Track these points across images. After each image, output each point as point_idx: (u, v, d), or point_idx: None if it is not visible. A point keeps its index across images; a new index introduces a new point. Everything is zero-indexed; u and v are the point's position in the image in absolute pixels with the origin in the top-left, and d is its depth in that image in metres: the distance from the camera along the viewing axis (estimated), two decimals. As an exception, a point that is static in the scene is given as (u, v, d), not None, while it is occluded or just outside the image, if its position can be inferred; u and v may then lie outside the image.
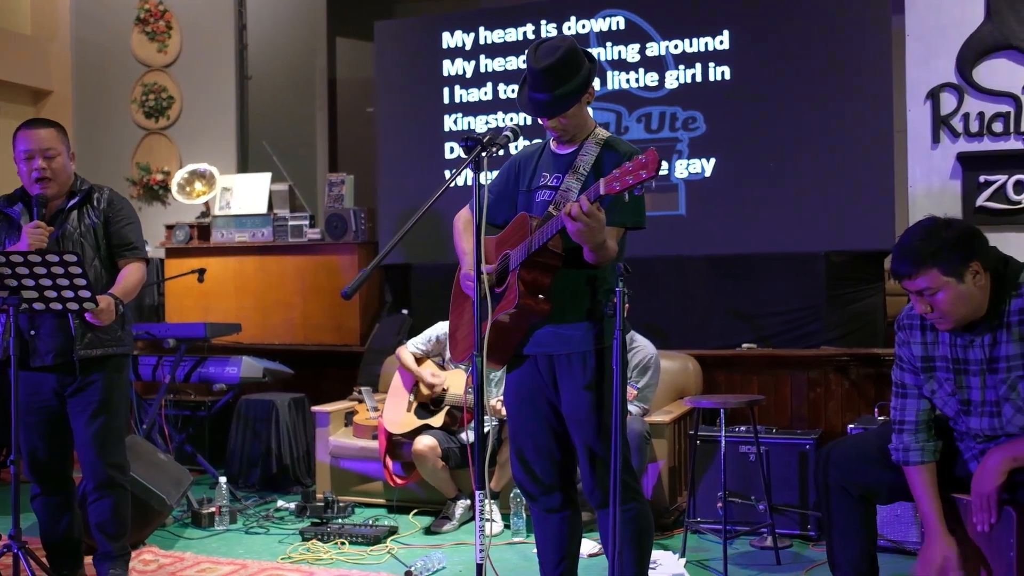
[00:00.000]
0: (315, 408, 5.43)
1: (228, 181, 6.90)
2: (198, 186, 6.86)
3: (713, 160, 5.77)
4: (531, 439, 3.17)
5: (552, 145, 3.17)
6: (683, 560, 4.13)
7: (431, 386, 4.92)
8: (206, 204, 6.91)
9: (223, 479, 5.02)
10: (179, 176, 6.89)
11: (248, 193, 6.80)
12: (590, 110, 3.16)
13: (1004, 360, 2.70)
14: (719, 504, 4.28)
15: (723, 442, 4.22)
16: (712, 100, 5.77)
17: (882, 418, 4.55)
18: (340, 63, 7.75)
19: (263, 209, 6.72)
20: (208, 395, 6.07)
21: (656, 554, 4.04)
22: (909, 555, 4.09)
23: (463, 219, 3.34)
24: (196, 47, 7.36)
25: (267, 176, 6.83)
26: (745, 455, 4.60)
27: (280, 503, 5.24)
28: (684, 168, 5.82)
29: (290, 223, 6.59)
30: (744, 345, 5.62)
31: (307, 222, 6.59)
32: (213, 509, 4.90)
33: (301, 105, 7.79)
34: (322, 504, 4.91)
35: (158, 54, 7.42)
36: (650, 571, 3.28)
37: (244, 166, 7.27)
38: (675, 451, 4.90)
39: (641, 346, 4.85)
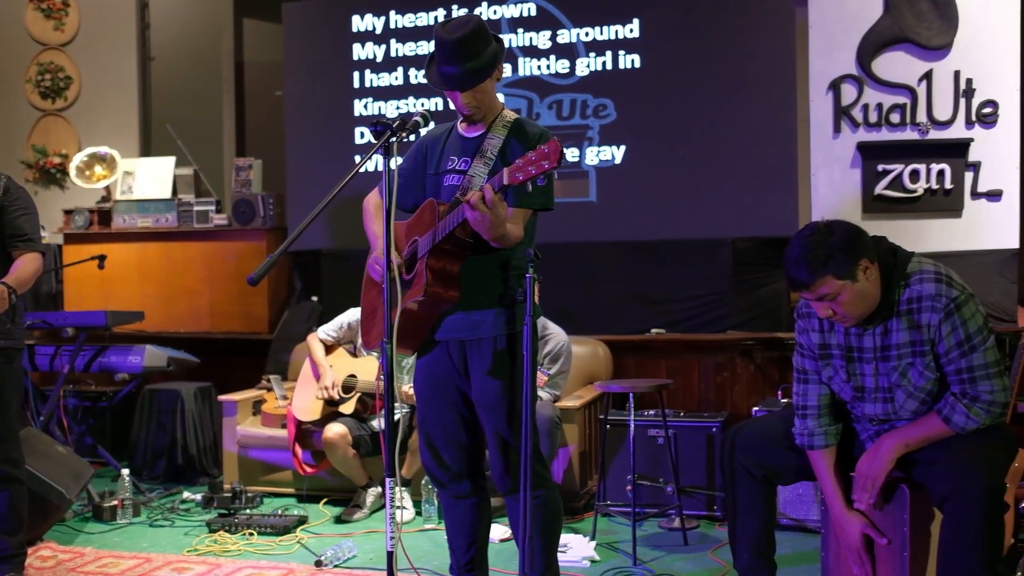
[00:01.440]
0: (222, 397, 5.33)
1: (130, 165, 6.71)
2: (98, 170, 6.65)
3: (623, 147, 5.82)
4: (440, 426, 3.17)
5: (460, 128, 3.16)
6: (593, 543, 4.17)
7: (325, 388, 4.82)
8: (107, 189, 6.71)
9: (126, 471, 4.90)
10: (78, 159, 6.67)
11: (151, 177, 6.62)
12: (500, 98, 3.16)
13: (895, 348, 2.79)
14: (628, 487, 4.34)
15: (632, 426, 4.28)
16: (622, 88, 5.82)
17: (785, 401, 4.67)
18: (247, 45, 7.58)
19: (167, 194, 6.55)
20: (110, 385, 5.90)
21: (566, 537, 4.09)
22: (810, 532, 4.21)
23: (372, 203, 3.30)
24: (95, 25, 7.12)
25: (171, 160, 6.65)
26: (654, 439, 4.68)
27: (186, 495, 5.13)
28: (594, 155, 5.86)
29: (195, 208, 6.44)
30: (653, 330, 5.70)
31: (213, 207, 6.45)
32: (115, 502, 4.77)
33: (207, 88, 7.59)
34: (230, 495, 4.83)
35: (54, 32, 7.15)
36: (560, 555, 3.31)
37: (147, 150, 7.07)
38: (585, 436, 4.95)
39: (553, 333, 4.88)
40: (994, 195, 5.34)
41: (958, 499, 2.60)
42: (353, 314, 4.98)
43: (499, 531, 4.21)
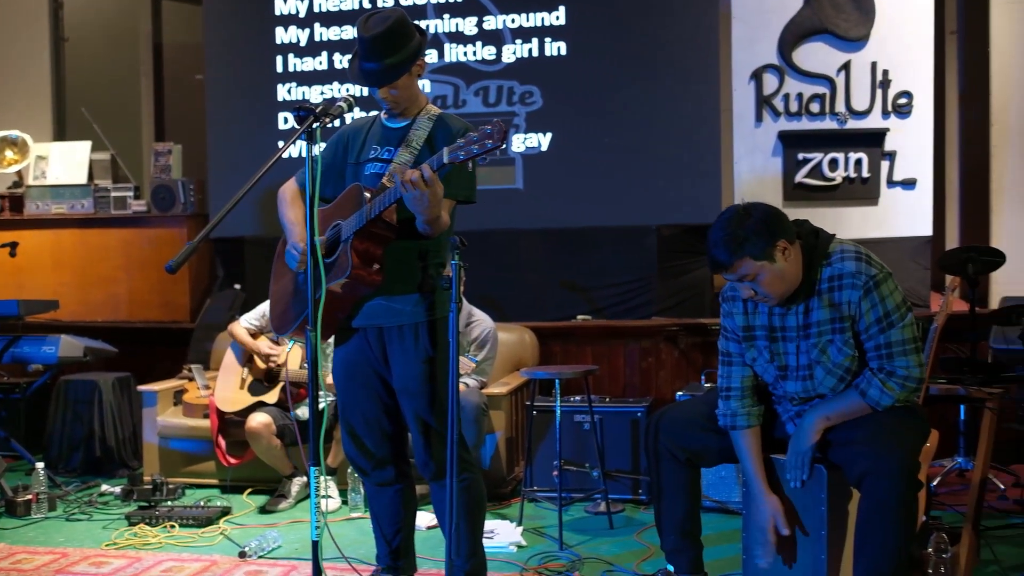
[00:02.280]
0: (142, 387, 5.21)
1: (43, 149, 6.51)
2: (9, 154, 6.44)
3: (550, 135, 5.84)
4: (361, 414, 3.15)
5: (384, 118, 3.15)
6: (520, 528, 4.19)
7: (267, 356, 4.79)
8: (19, 173, 6.50)
9: (40, 464, 4.75)
10: (-13, 143, 6.45)
11: (66, 162, 6.43)
12: (426, 84, 3.14)
13: (816, 325, 2.86)
14: (555, 472, 4.37)
15: (558, 412, 4.30)
16: (549, 75, 5.83)
17: (708, 385, 4.75)
18: (166, 26, 7.38)
19: (83, 179, 6.38)
20: (23, 376, 5.72)
21: (493, 523, 4.10)
22: (732, 514, 4.29)
23: (289, 191, 3.27)
24: (4, 5, 6.87)
25: (87, 145, 6.47)
26: (580, 424, 4.71)
27: (104, 487, 5.00)
28: (521, 142, 5.86)
29: (113, 194, 6.29)
30: (579, 317, 5.74)
31: (131, 193, 6.30)
32: (30, 497, 4.63)
33: (124, 70, 7.38)
34: (150, 487, 4.72)
35: (-39, 11, 6.90)
36: (487, 540, 3.32)
37: (61, 134, 6.87)
38: (512, 422, 4.97)
39: (479, 320, 4.87)
40: (909, 183, 5.50)
41: (874, 478, 2.67)
42: (273, 303, 4.90)
43: (425, 518, 4.20)
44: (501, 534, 4.06)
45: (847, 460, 2.79)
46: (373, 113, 3.24)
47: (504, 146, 2.67)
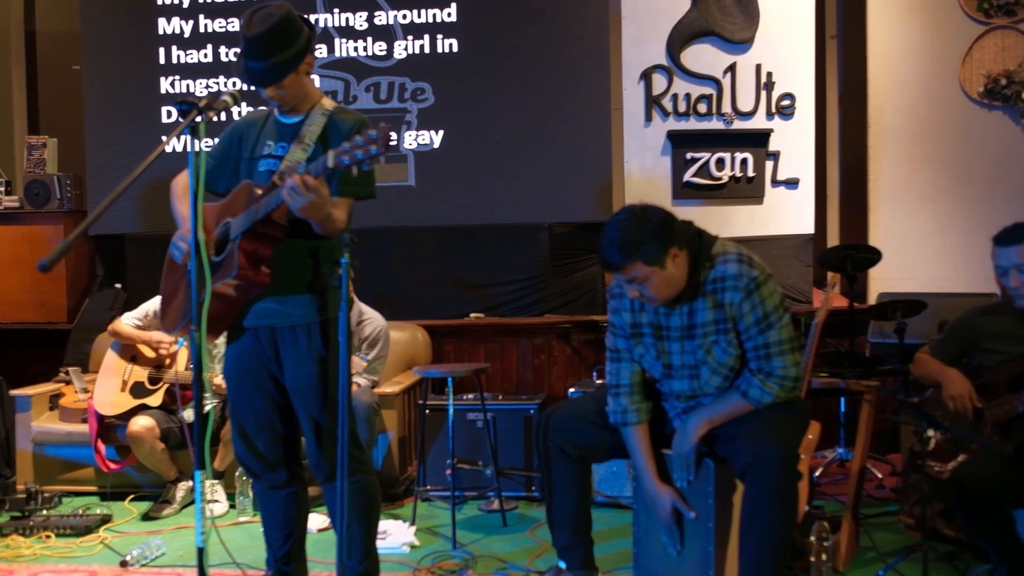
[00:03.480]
0: (14, 392, 4.98)
1: (-94, 142, 6.16)
2: None
3: (442, 132, 5.81)
4: (252, 414, 3.08)
5: (277, 113, 3.08)
6: (413, 528, 4.16)
7: (159, 344, 4.62)
8: None
9: (-96, 474, 4.50)
10: None
11: (-69, 155, 6.11)
12: (316, 79, 3.08)
13: (700, 326, 2.91)
14: (448, 471, 4.35)
15: (451, 410, 4.28)
16: (441, 72, 5.80)
17: (600, 381, 4.79)
18: (40, 13, 7.06)
19: (-50, 174, 6.07)
20: None
21: (386, 524, 4.06)
22: (623, 508, 4.34)
23: (180, 184, 3.16)
24: None
25: (-46, 137, 6.16)
26: (473, 422, 4.70)
27: (-26, 497, 4.76)
28: (413, 139, 5.82)
29: (-17, 190, 5.99)
30: (472, 315, 5.73)
31: (3, 188, 6.02)
32: None
33: (-6, 60, 7.05)
34: (23, 496, 4.51)
35: None
36: (379, 542, 3.28)
37: (-74, 126, 6.52)
38: (405, 421, 4.93)
39: (371, 318, 4.82)
40: (792, 183, 5.66)
41: (756, 470, 2.74)
42: (159, 301, 4.75)
43: (317, 520, 4.13)
44: (394, 534, 4.02)
45: (732, 453, 2.85)
46: (268, 108, 3.15)
47: (388, 152, 2.63)
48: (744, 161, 5.65)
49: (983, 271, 5.27)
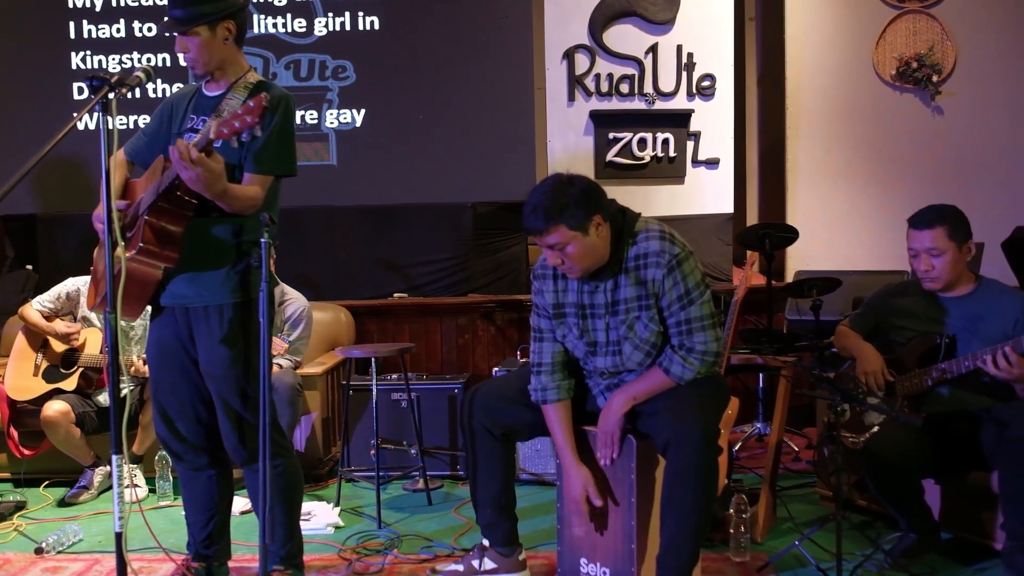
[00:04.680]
0: (-80, 377, 4.80)
1: None
2: None
3: (363, 111, 5.76)
4: (174, 397, 3.04)
5: (203, 86, 3.01)
6: (337, 509, 4.14)
7: (66, 336, 4.51)
8: None
9: None
10: None
11: None
12: (241, 55, 3.01)
13: (623, 303, 2.94)
14: (372, 452, 4.33)
15: (375, 391, 4.26)
16: (362, 50, 5.74)
17: (524, 360, 4.82)
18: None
19: None
20: None
21: (310, 505, 4.03)
22: (548, 485, 4.38)
23: (116, 161, 3.08)
24: None
25: None
26: (397, 402, 4.69)
27: None
28: (335, 118, 5.76)
29: None
30: (395, 295, 5.71)
31: (-95, 167, 5.77)
32: None
33: None
34: (-68, 484, 4.38)
35: None
36: (303, 523, 3.27)
37: None
38: (328, 402, 4.89)
39: (292, 299, 4.76)
40: (712, 163, 5.74)
41: (676, 446, 2.79)
42: (72, 283, 4.63)
43: (240, 503, 4.08)
44: (318, 516, 4.00)
45: (654, 429, 2.89)
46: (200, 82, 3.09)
47: (262, 123, 2.60)
48: (665, 141, 5.71)
49: (895, 249, 5.44)
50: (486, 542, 3.24)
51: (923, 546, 3.27)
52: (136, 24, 5.77)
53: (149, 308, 3.05)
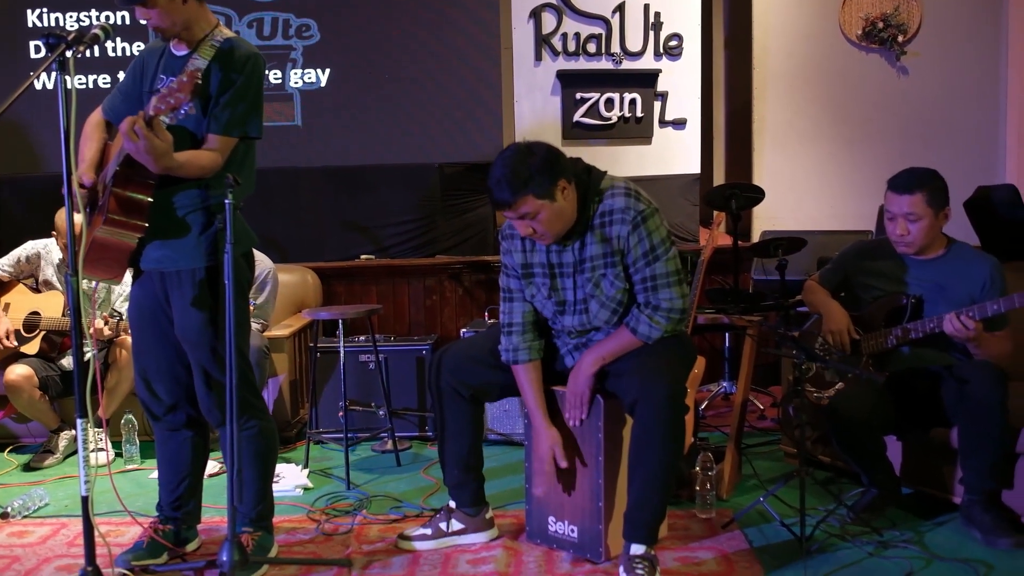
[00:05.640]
0: None
1: None
2: None
3: (328, 70, 5.68)
4: (153, 358, 3.04)
5: (172, 45, 2.94)
6: (306, 471, 4.14)
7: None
8: None
9: None
10: None
11: None
12: (205, 11, 2.92)
13: (590, 260, 2.95)
14: (340, 413, 4.34)
15: (342, 352, 4.25)
16: (326, 8, 5.65)
17: (492, 321, 4.82)
18: None
19: None
20: None
21: (279, 467, 4.02)
22: (516, 445, 4.41)
23: (92, 122, 3.04)
24: None
25: None
26: (365, 364, 4.69)
27: None
28: (299, 77, 5.68)
29: None
30: (362, 256, 5.68)
31: None
32: None
33: None
34: None
35: None
36: (273, 484, 3.26)
37: None
38: (296, 364, 4.87)
39: (258, 261, 4.71)
40: (679, 123, 5.74)
41: (644, 405, 2.81)
42: (31, 247, 4.56)
43: (211, 466, 4.07)
44: (287, 478, 4.00)
45: (621, 389, 2.91)
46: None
47: (192, 99, 2.56)
48: (633, 102, 5.70)
49: (860, 209, 5.50)
50: (452, 504, 3.26)
51: (884, 501, 3.33)
52: (94, -20, 5.65)
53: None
